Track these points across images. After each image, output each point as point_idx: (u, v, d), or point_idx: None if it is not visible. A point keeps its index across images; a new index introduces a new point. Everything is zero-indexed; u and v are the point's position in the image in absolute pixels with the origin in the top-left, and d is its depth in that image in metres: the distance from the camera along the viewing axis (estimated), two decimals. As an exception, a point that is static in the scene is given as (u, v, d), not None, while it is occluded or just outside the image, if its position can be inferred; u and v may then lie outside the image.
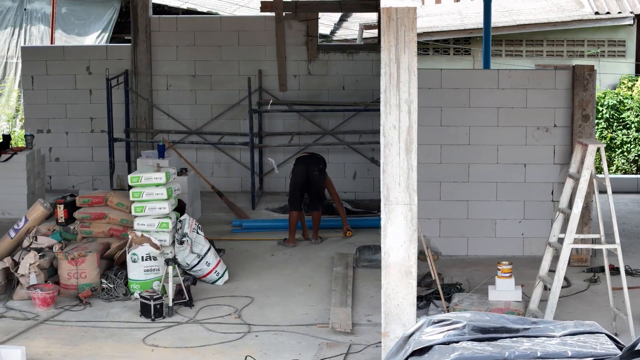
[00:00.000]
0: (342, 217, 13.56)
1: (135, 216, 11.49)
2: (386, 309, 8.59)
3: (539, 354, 5.61)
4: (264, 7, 15.74)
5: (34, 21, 22.50)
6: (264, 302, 11.02)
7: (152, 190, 11.41)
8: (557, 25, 22.24)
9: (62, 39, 22.47)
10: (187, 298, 10.77)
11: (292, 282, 11.75)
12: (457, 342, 5.85)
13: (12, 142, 19.85)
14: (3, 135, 15.09)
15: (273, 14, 15.75)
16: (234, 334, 9.94)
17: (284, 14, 15.69)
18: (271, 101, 15.22)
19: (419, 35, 16.09)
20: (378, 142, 15.36)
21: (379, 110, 15.38)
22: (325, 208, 13.73)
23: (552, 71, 12.80)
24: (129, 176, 11.55)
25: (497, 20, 21.92)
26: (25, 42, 22.41)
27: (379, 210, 14.59)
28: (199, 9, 20.95)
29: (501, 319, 6.07)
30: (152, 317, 10.36)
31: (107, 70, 15.43)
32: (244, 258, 12.57)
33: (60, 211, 11.99)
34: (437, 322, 6.07)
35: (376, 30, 17.54)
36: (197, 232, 11.65)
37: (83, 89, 16.25)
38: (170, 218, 11.48)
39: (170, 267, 10.66)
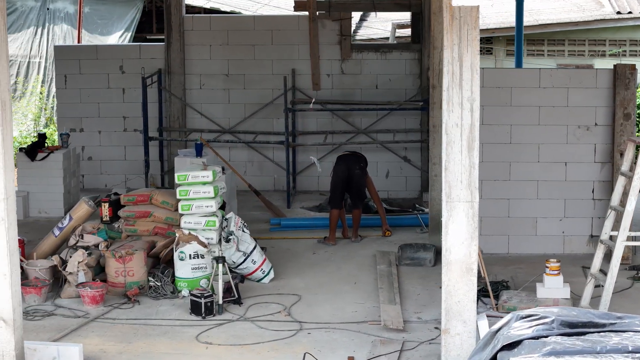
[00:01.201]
0: (381, 216, 13.60)
1: (182, 214, 11.53)
2: (447, 306, 8.63)
3: (630, 348, 5.67)
4: (298, 6, 15.77)
5: (57, 21, 22.55)
6: (312, 299, 11.05)
7: (199, 189, 11.45)
8: (578, 24, 22.29)
9: (85, 38, 22.50)
10: (236, 296, 10.79)
11: (338, 280, 11.78)
12: (546, 336, 5.91)
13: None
14: (39, 134, 15.13)
15: (306, 13, 15.78)
16: (286, 331, 9.97)
17: (317, 13, 15.72)
18: (313, 100, 15.25)
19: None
20: (411, 141, 15.57)
21: (411, 109, 15.62)
22: (363, 207, 13.77)
23: (594, 70, 12.85)
24: (176, 174, 11.58)
25: (510, 20, 21.94)
26: (48, 42, 22.45)
27: (413, 208, 14.78)
28: (222, 8, 20.99)
29: (588, 314, 6.12)
30: (203, 315, 10.38)
31: (143, 69, 15.46)
32: (286, 256, 12.60)
33: (105, 209, 12.03)
34: (525, 317, 6.13)
35: (409, 30, 17.58)
36: (243, 230, 11.69)
37: (116, 88, 16.29)
38: (217, 216, 11.52)
39: (220, 265, 10.69)
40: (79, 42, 21.22)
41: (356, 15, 23.09)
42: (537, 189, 12.48)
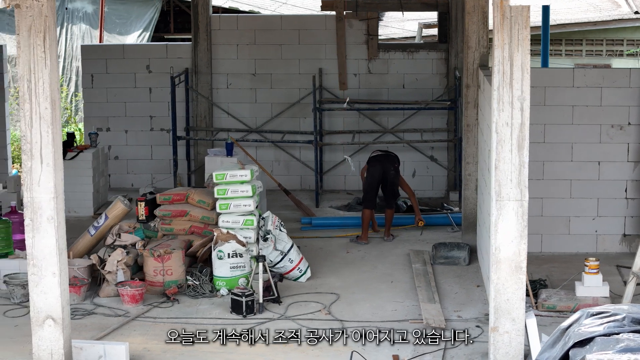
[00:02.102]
0: (415, 207, 13.59)
1: (220, 213, 11.57)
2: (496, 304, 8.65)
3: (703, 345, 5.69)
4: (325, 5, 15.78)
5: (75, 20, 22.55)
6: (350, 298, 11.08)
7: (237, 188, 11.50)
8: (597, 24, 22.32)
9: (104, 37, 22.50)
10: (276, 294, 10.82)
11: (374, 279, 11.81)
12: (617, 333, 5.93)
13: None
14: (67, 134, 15.14)
15: (334, 12, 15.80)
16: (328, 329, 10.00)
17: (344, 12, 15.74)
18: (347, 99, 15.24)
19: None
20: (438, 141, 15.59)
21: (439, 109, 15.63)
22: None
23: (627, 69, 12.87)
24: (214, 173, 11.62)
25: (535, 19, 21.93)
26: (66, 42, 22.46)
27: (441, 207, 14.80)
28: (241, 8, 21.01)
29: (658, 312, 6.15)
30: (244, 314, 10.41)
31: (172, 68, 15.48)
32: (320, 255, 12.61)
33: (141, 209, 12.08)
34: (596, 314, 6.16)
35: (435, 29, 17.60)
36: (280, 229, 11.72)
37: (143, 87, 16.29)
38: (255, 215, 11.55)
39: (260, 264, 10.72)
40: (100, 41, 21.23)
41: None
42: (570, 188, 12.50)
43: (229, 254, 11.13)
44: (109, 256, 11.23)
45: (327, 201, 15.48)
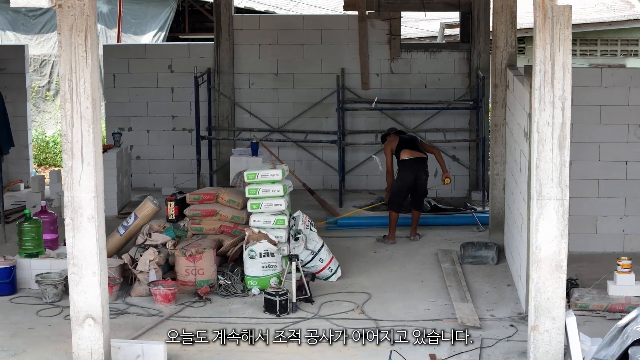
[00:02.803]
0: (442, 166, 13.52)
1: (251, 213, 11.58)
2: (536, 303, 8.68)
3: None
4: (347, 5, 15.78)
5: (90, 20, 22.47)
6: (382, 297, 11.10)
7: (268, 187, 11.51)
8: (611, 24, 22.30)
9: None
10: (308, 294, 10.84)
11: (404, 278, 11.82)
12: (676, 332, 5.94)
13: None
14: (91, 133, 15.11)
15: (356, 12, 15.80)
16: (362, 329, 10.00)
17: (366, 12, 15.74)
18: (375, 99, 15.23)
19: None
20: (460, 141, 15.58)
21: (461, 109, 15.62)
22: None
23: (656, 69, 12.90)
24: (245, 173, 11.63)
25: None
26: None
27: (464, 207, 14.80)
28: (257, 8, 20.99)
29: None
30: (277, 313, 10.43)
31: (196, 68, 15.47)
32: (348, 254, 12.61)
33: (171, 208, 12.09)
34: (653, 313, 6.16)
35: (457, 29, 17.59)
36: (311, 229, 11.74)
37: (165, 87, 16.29)
38: (286, 215, 11.56)
39: (294, 263, 10.73)
40: (118, 41, 21.21)
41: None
42: (598, 187, 12.52)
43: (260, 254, 11.15)
44: (141, 256, 11.24)
45: (350, 201, 15.48)
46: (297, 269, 10.81)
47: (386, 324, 10.21)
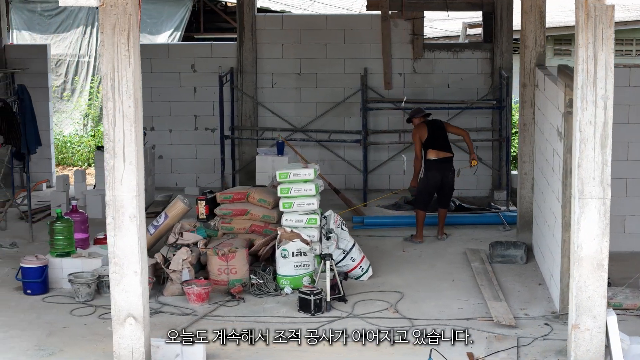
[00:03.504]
0: (470, 148, 13.50)
1: (283, 212, 11.58)
2: (577, 301, 8.70)
3: None
4: (370, 5, 15.80)
5: (106, 20, 22.46)
6: (415, 296, 11.11)
7: (300, 187, 11.53)
8: (627, 24, 22.31)
9: (135, 38, 22.43)
10: (342, 293, 10.85)
11: (434, 277, 11.84)
12: None
13: (94, 142, 20.02)
14: (116, 133, 15.12)
15: (379, 12, 15.81)
16: (398, 327, 10.00)
17: (389, 12, 15.77)
18: (405, 98, 15.24)
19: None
20: (482, 140, 15.57)
21: (483, 108, 15.62)
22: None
23: (684, 68, 12.90)
24: (277, 172, 11.65)
25: (563, 19, 21.98)
26: (96, 41, 22.43)
27: (488, 206, 14.81)
28: (273, 7, 20.99)
29: None
30: (312, 312, 10.43)
31: (220, 67, 15.50)
32: (376, 254, 12.61)
33: (202, 207, 12.10)
34: None
35: (480, 29, 17.61)
36: (342, 228, 11.76)
37: (187, 87, 16.32)
38: (318, 214, 11.57)
39: (328, 262, 10.74)
40: (136, 41, 21.15)
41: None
42: (626, 186, 12.53)
43: (293, 253, 11.16)
44: (173, 255, 11.25)
45: (375, 200, 15.49)
46: (330, 268, 10.82)
47: (421, 322, 10.22)
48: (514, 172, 16.33)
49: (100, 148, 14.87)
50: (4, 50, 16.51)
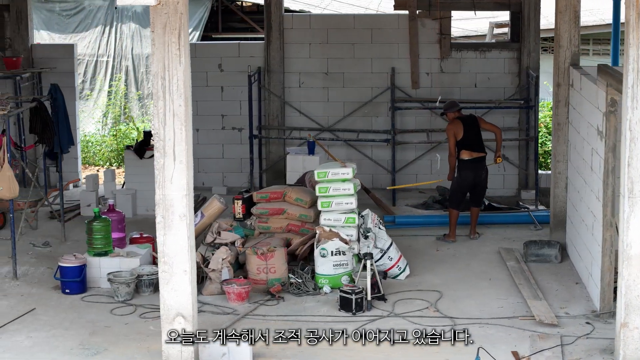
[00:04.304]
0: (498, 145, 13.51)
1: (322, 211, 11.59)
2: (626, 300, 8.73)
3: None
4: (398, 4, 15.80)
5: (125, 19, 22.55)
6: (453, 295, 11.13)
7: (338, 186, 11.55)
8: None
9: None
10: (381, 292, 10.87)
11: (471, 276, 11.86)
12: None
13: (115, 142, 20.03)
14: (145, 132, 15.17)
15: (406, 12, 15.83)
16: (440, 327, 10.02)
17: (417, 12, 15.78)
18: (439, 98, 15.24)
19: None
20: (509, 140, 15.56)
21: (510, 108, 15.63)
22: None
23: None
24: (316, 172, 11.66)
25: (584, 19, 21.98)
26: (115, 41, 22.46)
27: (516, 205, 14.83)
28: (292, 7, 21.00)
29: None
30: (353, 311, 10.45)
31: (249, 67, 15.51)
32: (410, 253, 12.61)
33: (239, 207, 12.12)
34: None
35: (506, 29, 17.65)
36: (379, 227, 11.77)
37: (214, 86, 16.32)
38: (356, 213, 11.59)
39: (369, 262, 10.75)
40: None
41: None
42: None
43: (332, 252, 11.17)
44: (212, 254, 11.26)
45: (402, 199, 15.51)
46: (370, 267, 10.82)
47: (463, 321, 10.24)
48: (542, 172, 16.37)
49: (129, 147, 14.90)
50: (31, 49, 16.50)
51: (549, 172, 16.72)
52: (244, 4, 22.28)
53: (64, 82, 16.23)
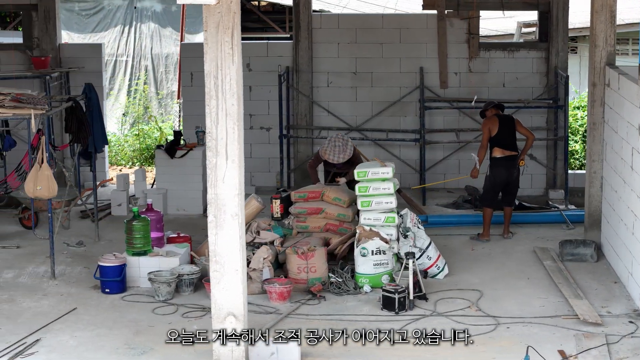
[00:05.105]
0: (525, 150, 13.50)
1: (361, 211, 11.60)
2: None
3: None
4: (426, 4, 15.83)
5: (144, 19, 22.59)
6: (493, 294, 11.13)
7: (378, 185, 11.56)
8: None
9: (172, 37, 22.56)
10: (423, 291, 10.88)
11: (508, 276, 11.86)
12: None
13: (138, 141, 20.05)
14: (175, 132, 15.18)
15: (435, 11, 15.85)
16: (484, 325, 10.08)
17: (445, 11, 15.81)
18: (475, 98, 15.26)
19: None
20: (537, 139, 15.57)
21: (539, 107, 15.64)
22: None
23: None
24: (356, 171, 11.67)
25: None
26: (135, 40, 22.50)
27: (546, 205, 14.84)
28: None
29: None
30: (396, 311, 10.46)
31: (280, 67, 15.53)
32: (446, 252, 12.57)
33: (277, 206, 12.12)
34: None
35: (534, 28, 17.67)
36: (418, 227, 11.78)
37: (243, 86, 16.27)
38: (396, 212, 11.60)
39: (411, 261, 10.77)
40: (181, 40, 21.25)
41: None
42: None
43: (372, 251, 11.18)
44: (252, 253, 11.27)
45: (432, 199, 15.53)
46: (414, 267, 10.84)
47: (506, 320, 10.26)
48: (570, 172, 16.37)
49: (160, 147, 14.90)
50: (59, 49, 16.51)
51: (577, 171, 16.81)
52: (260, 4, 22.30)
53: (92, 82, 16.23)
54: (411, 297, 10.62)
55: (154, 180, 15.40)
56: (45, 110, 11.61)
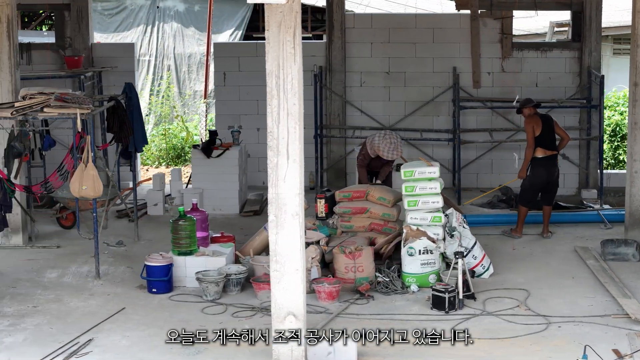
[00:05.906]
0: (558, 149, 13.49)
1: (408, 210, 11.61)
2: None
3: None
4: (460, 4, 15.86)
5: (167, 19, 22.59)
6: (540, 294, 11.13)
7: (425, 185, 11.56)
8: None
9: (195, 36, 22.57)
10: (471, 290, 10.89)
11: (553, 275, 11.86)
12: None
13: (164, 141, 20.06)
14: (210, 132, 15.19)
15: (468, 11, 15.88)
16: (535, 325, 10.06)
17: (479, 11, 15.83)
18: (517, 97, 15.28)
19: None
20: (571, 139, 15.58)
21: (572, 107, 15.66)
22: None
23: None
24: (402, 170, 11.67)
25: (619, 19, 22.03)
26: (157, 40, 22.50)
27: (581, 204, 14.86)
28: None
29: None
30: (446, 310, 10.46)
31: (315, 66, 15.55)
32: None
33: (321, 206, 12.14)
34: None
35: (566, 28, 17.70)
36: (464, 226, 11.79)
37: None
38: (442, 212, 11.61)
39: (460, 260, 10.78)
40: (208, 41, 21.25)
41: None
42: None
43: (419, 251, 11.19)
44: (300, 253, 11.26)
45: (466, 199, 15.54)
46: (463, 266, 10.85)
47: (557, 319, 10.23)
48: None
49: (196, 147, 14.92)
50: (91, 48, 16.53)
51: (611, 171, 16.83)
52: (283, 4, 22.25)
53: (125, 82, 16.28)
54: (460, 296, 10.63)
55: (189, 180, 15.41)
56: (90, 109, 11.61)
